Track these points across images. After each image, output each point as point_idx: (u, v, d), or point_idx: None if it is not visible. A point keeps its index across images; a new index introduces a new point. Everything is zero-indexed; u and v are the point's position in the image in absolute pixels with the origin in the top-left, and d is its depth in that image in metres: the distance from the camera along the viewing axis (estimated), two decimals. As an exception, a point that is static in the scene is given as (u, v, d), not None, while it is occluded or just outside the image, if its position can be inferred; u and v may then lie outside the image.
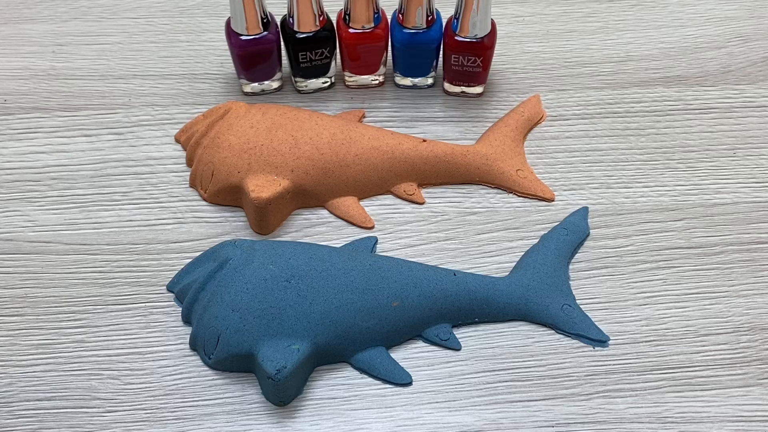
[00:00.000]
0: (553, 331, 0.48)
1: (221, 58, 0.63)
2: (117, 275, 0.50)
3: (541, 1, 0.68)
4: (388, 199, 0.54)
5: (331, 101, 0.60)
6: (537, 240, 0.51)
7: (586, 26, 0.66)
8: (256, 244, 0.48)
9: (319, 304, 0.45)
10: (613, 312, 0.48)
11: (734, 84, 0.62)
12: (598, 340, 0.47)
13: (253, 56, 0.56)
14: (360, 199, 0.54)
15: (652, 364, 0.46)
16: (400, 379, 0.45)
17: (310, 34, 0.55)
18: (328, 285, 0.45)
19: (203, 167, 0.53)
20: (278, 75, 0.60)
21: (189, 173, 0.55)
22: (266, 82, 0.60)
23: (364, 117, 0.59)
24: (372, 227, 0.52)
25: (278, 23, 0.57)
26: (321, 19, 0.55)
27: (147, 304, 0.48)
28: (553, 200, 0.54)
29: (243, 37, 0.55)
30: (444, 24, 0.57)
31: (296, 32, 0.55)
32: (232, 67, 0.59)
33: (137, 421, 0.43)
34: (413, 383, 0.45)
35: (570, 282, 0.49)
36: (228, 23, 0.56)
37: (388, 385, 0.45)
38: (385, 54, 0.59)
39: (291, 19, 0.55)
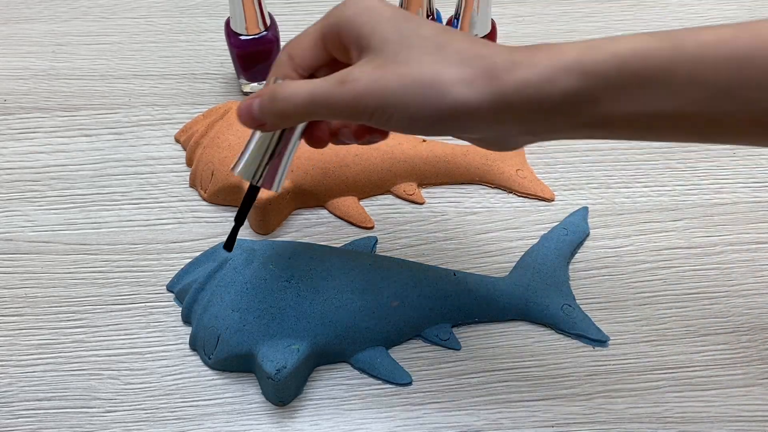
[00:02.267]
0: (553, 331, 0.48)
1: (221, 58, 0.63)
2: (117, 275, 0.50)
3: (541, 1, 0.68)
4: (388, 199, 0.54)
5: (331, 101, 0.60)
6: (537, 240, 0.51)
7: (586, 26, 0.66)
8: (256, 244, 0.48)
9: (319, 304, 0.45)
10: (613, 312, 0.48)
11: (734, 84, 0.62)
12: (598, 340, 0.47)
13: (252, 56, 0.56)
14: (360, 199, 0.54)
15: (652, 364, 0.46)
16: (400, 379, 0.45)
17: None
18: (328, 285, 0.45)
19: (203, 167, 0.53)
20: (278, 75, 0.60)
21: (189, 173, 0.55)
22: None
23: (364, 117, 0.59)
24: (372, 227, 0.52)
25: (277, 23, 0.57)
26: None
27: (147, 304, 0.48)
28: (553, 200, 0.54)
29: (242, 37, 0.55)
30: (444, 24, 0.57)
31: None
32: (232, 67, 0.59)
33: (137, 421, 0.43)
34: (413, 383, 0.45)
35: (570, 282, 0.49)
36: (228, 23, 0.56)
37: (388, 385, 0.45)
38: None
39: None
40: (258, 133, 0.39)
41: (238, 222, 0.42)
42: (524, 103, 0.32)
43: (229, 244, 0.43)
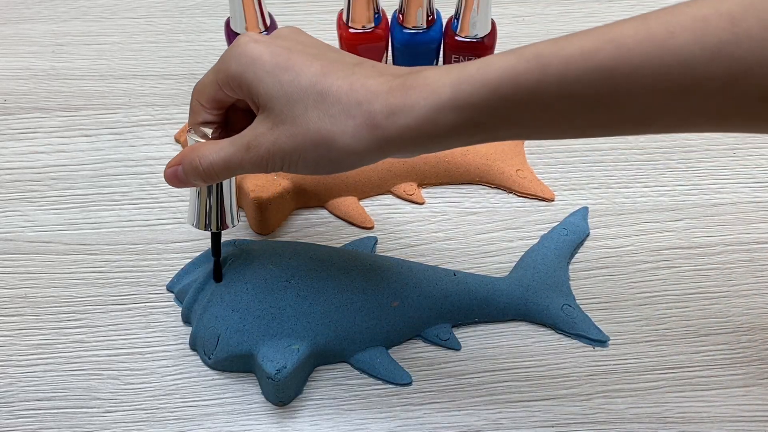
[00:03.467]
0: (553, 331, 0.48)
1: (221, 58, 0.63)
2: (117, 275, 0.50)
3: (541, 1, 0.68)
4: (388, 199, 0.54)
5: (331, 101, 0.60)
6: (537, 240, 0.51)
7: (586, 26, 0.65)
8: (256, 244, 0.48)
9: (319, 304, 0.45)
10: (613, 312, 0.48)
11: (734, 84, 0.62)
12: (598, 340, 0.47)
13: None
14: (360, 199, 0.54)
15: (652, 364, 0.46)
16: (400, 379, 0.45)
17: None
18: (328, 285, 0.45)
19: (203, 167, 0.53)
20: (278, 75, 0.59)
21: (189, 173, 0.55)
22: (266, 82, 0.60)
23: (364, 117, 0.58)
24: (372, 227, 0.52)
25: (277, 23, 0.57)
26: None
27: (147, 304, 0.48)
28: (553, 200, 0.54)
29: (243, 37, 0.55)
30: (444, 24, 0.57)
31: None
32: (232, 67, 0.59)
33: (137, 421, 0.43)
34: (413, 383, 0.45)
35: (570, 282, 0.49)
36: (228, 23, 0.56)
37: (388, 385, 0.45)
38: (385, 54, 0.59)
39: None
40: (195, 189, 0.43)
41: (217, 256, 0.45)
42: (408, 143, 0.34)
43: (218, 275, 0.46)
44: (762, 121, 0.32)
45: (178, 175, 0.40)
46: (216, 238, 0.45)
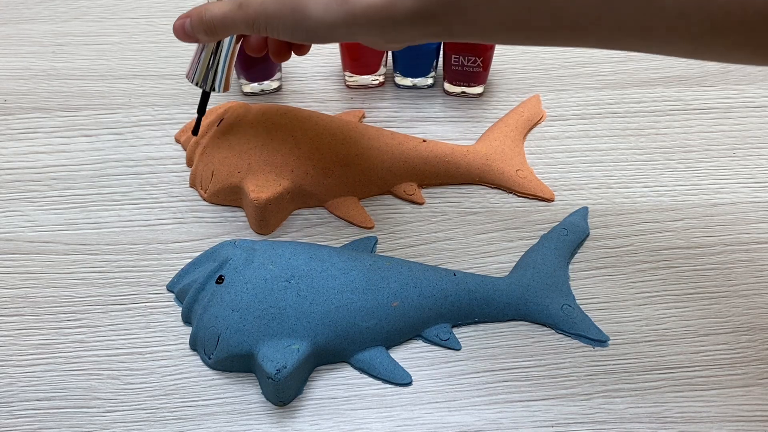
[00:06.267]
0: (553, 331, 0.48)
1: (221, 58, 0.63)
2: (117, 275, 0.50)
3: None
4: (388, 199, 0.54)
5: (331, 101, 0.60)
6: (537, 240, 0.51)
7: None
8: (256, 244, 0.48)
9: (319, 304, 0.45)
10: (613, 312, 0.48)
11: (734, 84, 0.62)
12: (598, 340, 0.47)
13: (252, 56, 0.56)
14: (360, 199, 0.54)
15: (652, 364, 0.46)
16: (400, 379, 0.45)
17: None
18: (328, 285, 0.45)
19: (203, 167, 0.53)
20: (278, 75, 0.60)
21: (189, 173, 0.55)
22: (266, 82, 0.60)
23: (364, 117, 0.59)
24: (372, 227, 0.52)
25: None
26: None
27: (147, 304, 0.48)
28: (553, 200, 0.54)
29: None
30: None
31: None
32: (232, 67, 0.59)
33: (137, 421, 0.43)
34: (413, 383, 0.45)
35: (570, 282, 0.49)
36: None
37: (388, 385, 0.45)
38: (385, 54, 0.59)
39: None
40: (202, 50, 0.49)
41: (200, 113, 0.52)
42: (371, 22, 0.38)
43: (196, 130, 0.53)
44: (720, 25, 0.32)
45: (185, 27, 0.45)
46: (204, 96, 0.51)
